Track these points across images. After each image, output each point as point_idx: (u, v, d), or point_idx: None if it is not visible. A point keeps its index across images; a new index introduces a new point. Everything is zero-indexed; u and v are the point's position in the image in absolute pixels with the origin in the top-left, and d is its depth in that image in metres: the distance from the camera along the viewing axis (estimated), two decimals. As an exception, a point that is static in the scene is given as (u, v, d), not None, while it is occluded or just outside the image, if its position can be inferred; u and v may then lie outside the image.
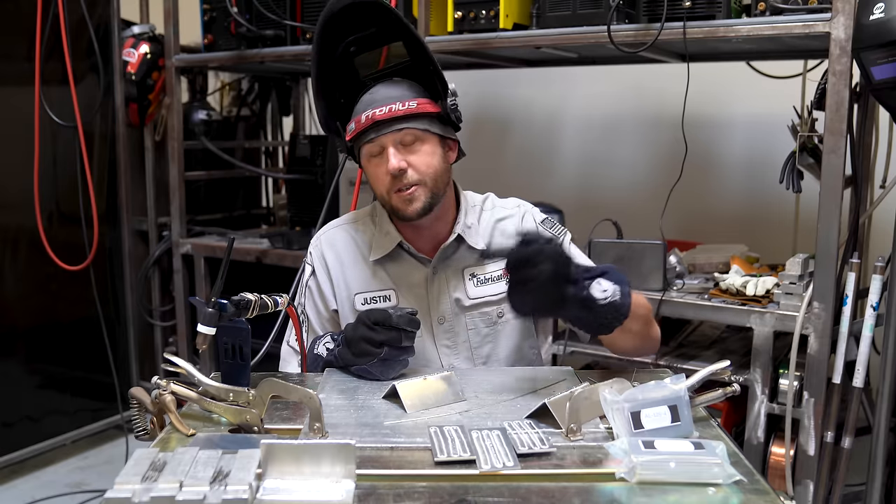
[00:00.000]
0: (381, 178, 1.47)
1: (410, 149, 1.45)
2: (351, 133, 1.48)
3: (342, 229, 1.63)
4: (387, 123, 1.43)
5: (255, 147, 3.84)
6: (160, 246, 3.31)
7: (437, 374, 1.27)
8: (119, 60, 3.14)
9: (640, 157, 3.32)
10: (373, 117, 1.43)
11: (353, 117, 1.48)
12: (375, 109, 1.43)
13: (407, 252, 1.56)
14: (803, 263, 2.05)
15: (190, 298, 1.41)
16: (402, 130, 1.44)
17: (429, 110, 1.46)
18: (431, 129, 1.46)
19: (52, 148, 3.00)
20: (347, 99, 1.53)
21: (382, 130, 1.43)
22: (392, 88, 1.47)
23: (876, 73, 1.76)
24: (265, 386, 1.12)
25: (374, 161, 1.48)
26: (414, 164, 1.45)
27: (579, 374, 1.39)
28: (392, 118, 1.43)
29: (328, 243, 1.61)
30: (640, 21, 2.11)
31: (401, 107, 1.43)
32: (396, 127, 1.43)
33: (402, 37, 1.49)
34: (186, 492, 0.84)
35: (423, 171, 1.45)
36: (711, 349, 2.42)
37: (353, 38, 1.49)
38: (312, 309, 1.60)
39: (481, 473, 0.97)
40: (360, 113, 1.46)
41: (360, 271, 1.57)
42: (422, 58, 1.49)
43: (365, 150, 1.48)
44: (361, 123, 1.45)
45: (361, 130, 1.45)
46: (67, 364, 3.20)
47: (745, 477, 0.95)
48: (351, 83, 1.52)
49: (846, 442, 1.99)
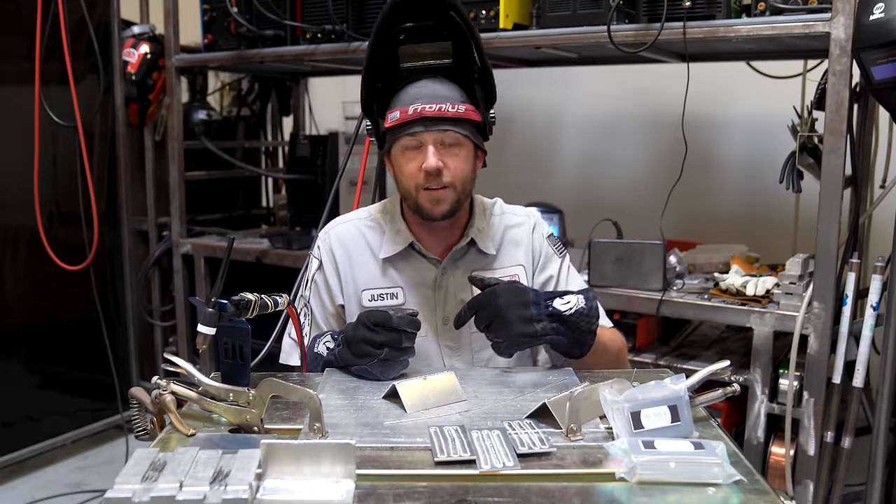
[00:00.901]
0: (412, 173, 1.46)
1: (449, 151, 1.45)
2: (394, 121, 1.45)
3: (352, 224, 1.62)
4: (434, 121, 1.43)
5: (255, 147, 3.84)
6: (160, 246, 3.32)
7: (437, 374, 1.27)
8: (119, 60, 3.14)
9: (640, 157, 3.32)
10: (422, 112, 1.42)
11: (397, 106, 1.46)
12: (426, 105, 1.42)
13: (417, 252, 1.56)
14: (803, 263, 2.05)
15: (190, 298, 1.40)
16: (447, 132, 1.44)
17: (473, 118, 1.46)
18: (471, 137, 1.47)
19: (52, 148, 3.00)
20: (385, 85, 1.51)
21: (430, 127, 1.43)
22: (441, 86, 1.45)
23: (876, 73, 1.76)
24: (265, 386, 1.12)
25: (409, 154, 1.46)
26: (449, 167, 1.45)
27: (579, 374, 1.39)
28: (441, 118, 1.42)
29: (337, 238, 1.60)
30: (640, 21, 2.12)
31: (451, 108, 1.43)
32: (442, 127, 1.43)
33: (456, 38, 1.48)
34: (186, 492, 0.84)
35: (456, 174, 1.46)
36: (711, 349, 2.42)
37: (409, 26, 1.48)
38: (318, 303, 1.60)
39: (481, 473, 0.97)
40: (406, 104, 1.44)
41: (368, 267, 1.56)
42: (468, 62, 1.48)
43: (402, 142, 1.46)
44: (408, 115, 1.43)
45: (406, 121, 1.44)
46: (67, 364, 3.20)
47: (745, 477, 0.95)
48: (391, 71, 1.51)
49: (846, 442, 1.99)
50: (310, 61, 2.79)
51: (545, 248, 1.62)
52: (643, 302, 2.24)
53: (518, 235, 1.61)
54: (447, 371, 1.29)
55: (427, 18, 1.47)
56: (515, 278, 1.56)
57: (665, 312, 2.22)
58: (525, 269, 1.58)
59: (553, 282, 1.60)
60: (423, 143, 1.44)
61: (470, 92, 1.49)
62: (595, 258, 2.32)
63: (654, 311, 2.22)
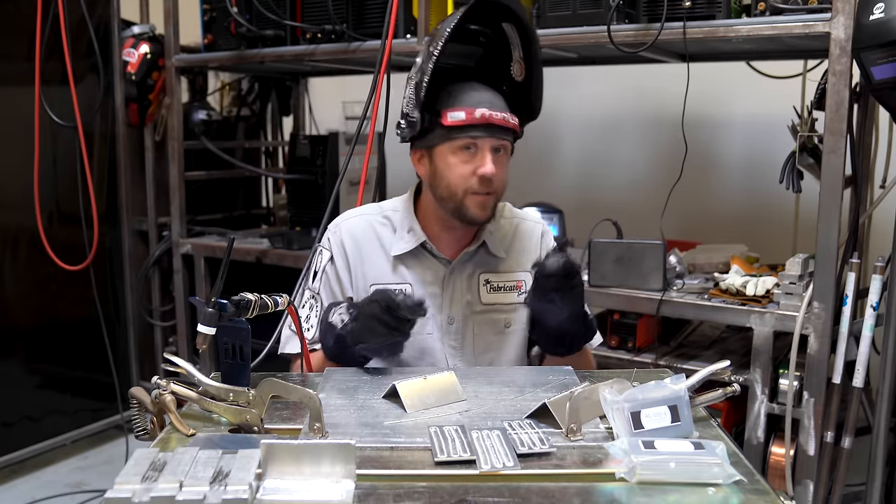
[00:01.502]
0: (463, 175, 1.47)
1: (497, 159, 1.48)
2: (457, 121, 1.45)
3: (364, 219, 1.62)
4: (497, 129, 1.46)
5: (255, 147, 3.84)
6: (160, 246, 3.32)
7: (437, 374, 1.27)
8: (119, 60, 3.14)
9: (640, 157, 3.32)
10: (490, 118, 1.44)
11: (458, 106, 1.45)
12: (493, 112, 1.45)
13: (428, 251, 1.57)
14: (803, 263, 2.05)
15: (190, 298, 1.40)
16: (503, 141, 1.48)
17: (517, 130, 1.52)
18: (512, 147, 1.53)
19: (52, 148, 3.00)
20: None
21: (494, 134, 1.46)
22: (495, 98, 1.48)
23: (876, 73, 1.76)
24: (265, 386, 1.12)
25: (463, 156, 1.47)
26: (497, 174, 1.48)
27: (579, 374, 1.39)
28: (502, 126, 1.46)
29: (348, 231, 1.60)
30: (640, 21, 2.12)
31: (510, 119, 1.48)
32: (502, 136, 1.47)
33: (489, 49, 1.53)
34: (186, 492, 0.84)
35: (500, 182, 1.50)
36: (711, 349, 2.42)
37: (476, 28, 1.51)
38: (328, 294, 1.60)
39: (481, 473, 0.97)
40: (470, 105, 1.45)
41: (378, 263, 1.57)
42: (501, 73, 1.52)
43: (459, 142, 1.46)
44: (475, 118, 1.44)
45: (472, 124, 1.45)
46: (67, 364, 3.20)
47: (745, 477, 0.95)
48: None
49: (846, 442, 1.99)
50: (310, 61, 2.79)
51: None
52: (643, 302, 2.24)
53: (527, 242, 1.63)
54: (447, 371, 1.29)
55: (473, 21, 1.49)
56: (521, 286, 1.59)
57: (665, 312, 2.22)
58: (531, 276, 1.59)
59: None
60: (478, 148, 1.46)
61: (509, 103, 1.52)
62: (595, 258, 2.32)
63: (654, 311, 2.22)
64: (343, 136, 2.99)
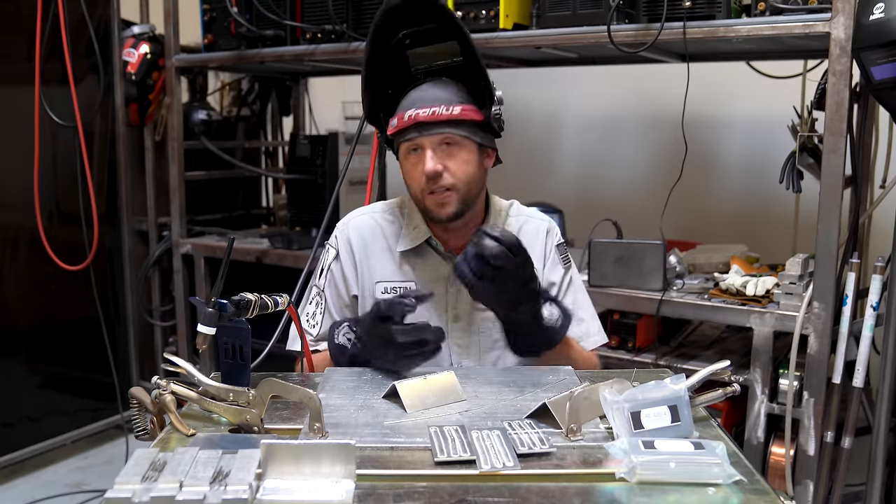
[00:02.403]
0: (416, 178, 1.49)
1: (448, 153, 1.47)
2: (392, 129, 1.49)
3: (370, 217, 1.63)
4: (429, 125, 1.44)
5: (255, 147, 3.84)
6: (160, 246, 3.32)
7: (437, 374, 1.27)
8: (119, 60, 3.14)
9: (640, 157, 3.32)
10: (416, 118, 1.44)
11: (398, 112, 1.49)
12: (420, 110, 1.44)
13: (433, 248, 1.57)
14: (803, 263, 2.05)
15: (190, 298, 1.40)
16: (442, 134, 1.45)
17: (472, 118, 1.47)
18: (471, 137, 1.47)
19: (52, 148, 3.00)
20: (395, 91, 1.53)
21: (424, 132, 1.45)
22: (440, 90, 1.47)
23: (876, 73, 1.76)
24: (265, 386, 1.12)
25: (412, 159, 1.49)
26: (450, 169, 1.46)
27: (579, 374, 1.39)
28: (435, 121, 1.44)
29: (355, 229, 1.61)
30: (640, 21, 2.11)
31: (445, 111, 1.44)
32: (437, 130, 1.45)
33: (459, 37, 1.48)
34: (186, 492, 0.84)
35: (458, 176, 1.47)
36: (711, 349, 2.42)
37: (410, 31, 1.50)
38: (333, 292, 1.60)
39: (481, 473, 0.97)
40: (405, 109, 1.47)
41: (384, 260, 1.58)
42: (475, 59, 1.49)
43: (404, 148, 1.50)
44: (404, 121, 1.46)
45: (403, 128, 1.46)
46: (67, 364, 3.20)
47: (745, 477, 0.95)
48: (401, 75, 1.53)
49: (846, 442, 1.99)
50: (310, 61, 2.79)
51: (553, 254, 1.64)
52: (643, 302, 2.24)
53: (533, 238, 1.62)
54: (447, 371, 1.29)
55: (426, 21, 1.48)
56: None
57: (665, 312, 2.22)
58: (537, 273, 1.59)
59: (553, 289, 1.61)
60: (422, 147, 1.46)
61: (477, 90, 1.49)
62: (595, 258, 2.32)
63: (654, 311, 2.22)
64: (343, 136, 2.99)
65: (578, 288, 1.66)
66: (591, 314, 1.66)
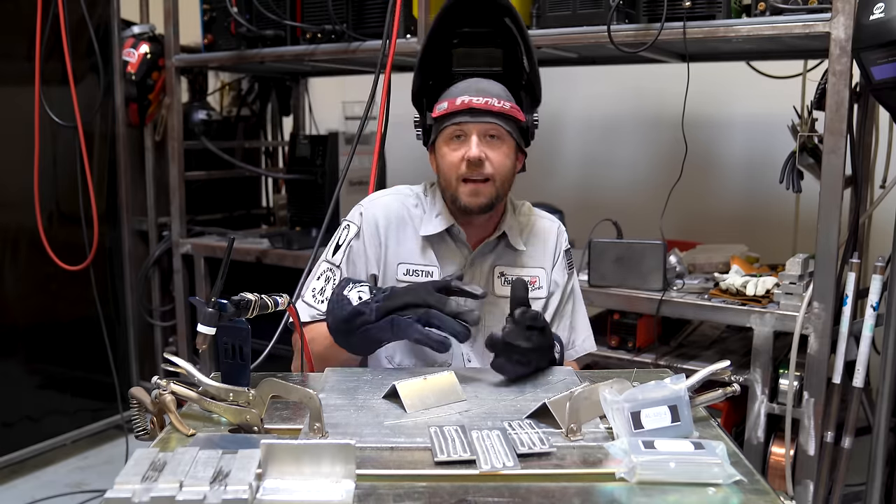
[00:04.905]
0: (454, 163, 1.49)
1: (491, 144, 1.48)
2: (441, 111, 1.49)
3: (394, 198, 1.63)
4: (480, 113, 1.46)
5: (255, 147, 3.84)
6: (160, 246, 3.32)
7: (437, 374, 1.27)
8: (119, 60, 3.14)
9: (640, 157, 3.32)
10: (469, 104, 1.46)
11: (446, 98, 1.50)
12: (473, 97, 1.46)
13: (453, 238, 1.58)
14: (803, 263, 2.05)
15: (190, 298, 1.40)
16: (491, 124, 1.47)
17: (518, 116, 1.50)
18: (513, 134, 1.51)
19: (52, 148, 3.00)
20: (436, 83, 1.56)
21: (475, 118, 1.46)
22: (491, 84, 1.50)
23: (876, 73, 1.76)
24: (265, 386, 1.12)
25: (453, 144, 1.49)
26: (491, 159, 1.48)
27: (579, 374, 1.39)
28: (486, 110, 1.46)
29: (383, 208, 1.61)
30: (640, 21, 2.12)
31: (496, 103, 1.47)
32: (487, 119, 1.47)
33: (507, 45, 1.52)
34: (186, 492, 0.83)
35: (496, 167, 1.49)
36: (711, 349, 2.42)
37: (466, 31, 1.53)
38: (350, 268, 1.58)
39: (481, 473, 0.97)
40: (455, 96, 1.48)
41: (408, 242, 1.58)
42: (517, 69, 1.53)
43: (448, 132, 1.50)
44: (456, 105, 1.46)
45: (453, 111, 1.47)
46: (67, 364, 3.20)
47: (745, 477, 0.95)
48: (442, 70, 1.55)
49: (846, 442, 1.99)
50: (310, 61, 2.79)
51: (561, 259, 1.66)
52: (643, 302, 2.24)
53: (545, 236, 1.65)
54: (447, 371, 1.29)
55: (482, 24, 1.52)
56: (536, 281, 1.59)
57: (665, 312, 2.22)
58: (545, 272, 1.62)
59: (558, 291, 1.63)
60: (466, 134, 1.48)
61: (516, 96, 1.53)
62: (595, 258, 2.32)
63: (654, 311, 2.22)
64: (343, 136, 2.99)
65: (578, 296, 1.70)
66: (586, 323, 1.69)
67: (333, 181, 2.90)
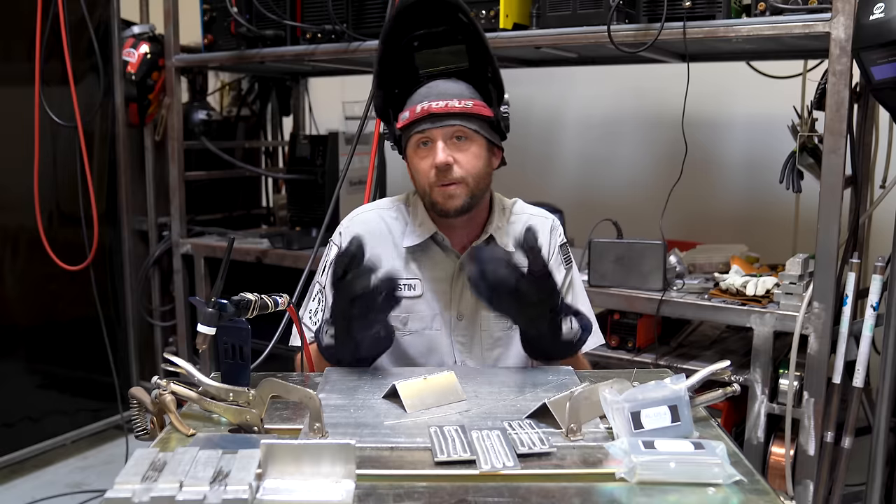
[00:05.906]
0: (424, 171, 1.49)
1: (459, 146, 1.47)
2: (404, 121, 1.49)
3: (375, 213, 1.63)
4: (441, 117, 1.45)
5: (255, 147, 3.84)
6: (160, 246, 3.31)
7: (436, 374, 1.27)
8: (119, 60, 3.14)
9: (640, 157, 3.32)
10: (428, 109, 1.45)
11: (408, 107, 1.49)
12: (432, 102, 1.45)
13: (438, 245, 1.57)
14: (803, 263, 2.05)
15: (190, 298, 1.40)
16: (455, 126, 1.46)
17: (483, 113, 1.48)
18: (481, 132, 1.49)
19: (52, 148, 3.00)
20: (402, 90, 1.54)
21: (436, 123, 1.45)
22: (451, 85, 1.48)
23: (876, 73, 1.76)
24: (265, 386, 1.12)
25: (421, 152, 1.49)
26: (460, 162, 1.47)
27: (579, 374, 1.39)
28: (447, 113, 1.45)
29: (361, 224, 1.61)
30: (640, 21, 2.11)
31: (457, 104, 1.45)
32: (450, 122, 1.45)
33: (469, 40, 1.50)
34: (186, 492, 0.84)
35: (467, 169, 1.47)
36: (711, 349, 2.42)
37: (422, 32, 1.51)
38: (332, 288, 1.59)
39: (481, 473, 0.97)
40: (416, 103, 1.47)
41: (389, 257, 1.57)
42: (481, 63, 1.50)
43: (413, 140, 1.49)
44: (416, 113, 1.46)
45: (415, 120, 1.47)
46: (67, 364, 3.20)
47: (745, 477, 0.95)
48: (407, 76, 1.53)
49: (846, 442, 1.99)
50: (310, 61, 2.79)
51: (557, 254, 1.64)
52: (643, 302, 2.24)
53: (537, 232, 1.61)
54: (447, 371, 1.29)
55: (437, 23, 1.49)
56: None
57: (665, 312, 2.22)
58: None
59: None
60: (432, 140, 1.47)
61: (484, 90, 1.51)
62: (595, 258, 2.32)
63: (654, 311, 2.22)
64: (343, 136, 2.99)
65: (578, 288, 1.67)
66: (590, 316, 1.66)
67: (333, 181, 2.90)
